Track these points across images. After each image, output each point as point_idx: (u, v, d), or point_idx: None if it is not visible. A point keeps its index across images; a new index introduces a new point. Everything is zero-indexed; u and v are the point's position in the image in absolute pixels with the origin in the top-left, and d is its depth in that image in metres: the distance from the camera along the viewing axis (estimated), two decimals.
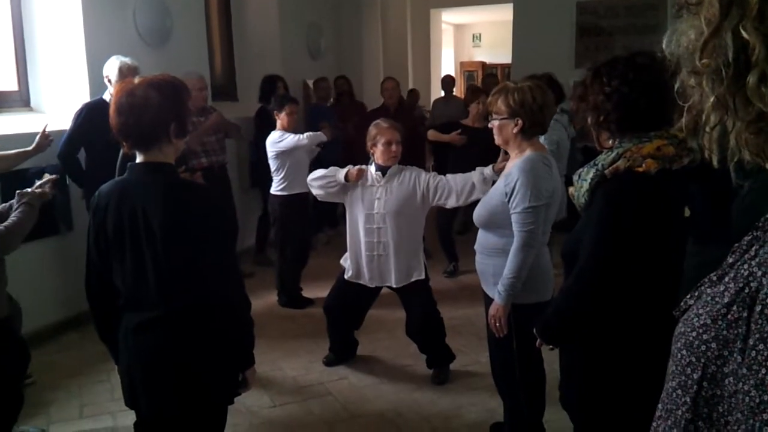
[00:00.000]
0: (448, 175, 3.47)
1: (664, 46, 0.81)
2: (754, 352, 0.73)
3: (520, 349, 2.60)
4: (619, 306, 1.88)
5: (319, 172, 3.65)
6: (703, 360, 0.81)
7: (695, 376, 0.82)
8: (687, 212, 2.00)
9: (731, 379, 0.78)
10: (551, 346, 2.14)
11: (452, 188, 3.39)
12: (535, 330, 2.14)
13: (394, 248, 3.51)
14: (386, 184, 3.51)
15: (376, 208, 3.52)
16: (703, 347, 0.81)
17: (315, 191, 3.71)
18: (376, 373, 3.78)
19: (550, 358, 2.65)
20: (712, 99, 0.76)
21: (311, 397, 3.51)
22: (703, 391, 0.81)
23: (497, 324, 2.58)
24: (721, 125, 0.78)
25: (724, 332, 0.79)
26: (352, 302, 3.74)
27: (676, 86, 0.83)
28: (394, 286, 3.59)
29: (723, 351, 0.79)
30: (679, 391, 0.85)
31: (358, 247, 3.61)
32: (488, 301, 2.71)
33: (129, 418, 2.33)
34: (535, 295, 2.57)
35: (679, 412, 0.84)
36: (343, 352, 3.92)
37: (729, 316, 0.78)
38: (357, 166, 3.58)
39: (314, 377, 3.74)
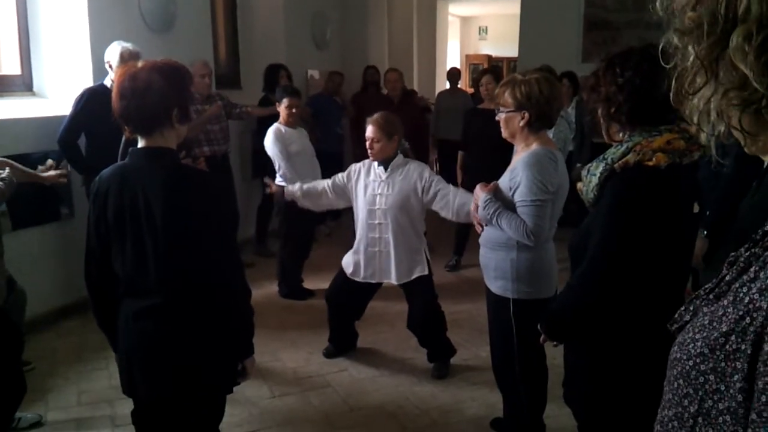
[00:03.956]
0: (451, 189, 3.40)
1: (657, 3, 0.72)
2: (764, 397, 0.66)
3: (521, 344, 2.59)
4: (626, 302, 1.86)
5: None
6: (700, 393, 0.74)
7: (692, 410, 0.75)
8: (696, 208, 1.97)
9: (727, 418, 0.71)
10: (555, 342, 2.11)
11: (449, 203, 3.35)
12: (539, 326, 2.11)
13: (395, 245, 3.49)
14: (388, 179, 3.48)
15: (377, 204, 3.49)
16: (701, 379, 0.74)
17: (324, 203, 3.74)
18: (377, 365, 3.77)
19: (551, 354, 2.63)
20: (693, 59, 0.69)
21: (311, 388, 3.50)
22: (698, 427, 0.75)
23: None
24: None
25: (722, 364, 0.72)
26: (353, 292, 3.71)
27: (660, 46, 0.73)
28: (395, 283, 3.57)
29: (720, 385, 0.72)
30: (675, 423, 0.79)
31: (360, 243, 3.59)
32: (490, 295, 2.69)
33: (127, 406, 2.32)
34: (537, 291, 2.55)
35: None
36: (343, 343, 3.90)
37: (727, 347, 0.71)
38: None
39: (314, 369, 3.73)
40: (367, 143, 3.46)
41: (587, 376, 2.02)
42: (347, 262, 3.68)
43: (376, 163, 3.53)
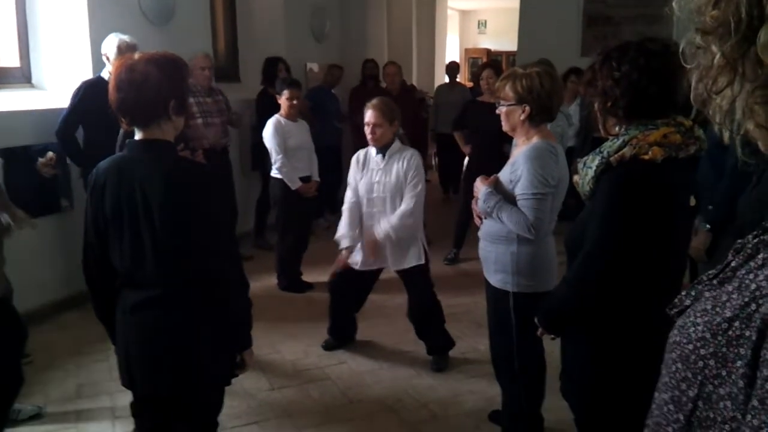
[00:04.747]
0: (411, 198, 3.43)
1: (673, 3, 0.71)
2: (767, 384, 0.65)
3: (521, 337, 2.59)
4: (622, 295, 1.86)
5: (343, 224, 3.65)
6: (700, 377, 0.73)
7: (691, 394, 0.74)
8: (693, 201, 1.97)
9: (728, 403, 0.69)
10: (553, 336, 2.12)
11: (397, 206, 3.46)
12: (536, 319, 2.12)
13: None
14: (386, 166, 3.48)
15: (375, 192, 3.50)
16: (701, 363, 0.73)
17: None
18: (376, 358, 3.78)
19: (550, 348, 2.64)
20: (718, 58, 0.67)
21: (310, 381, 3.51)
22: (698, 411, 0.73)
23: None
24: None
25: (724, 349, 0.71)
26: (356, 281, 3.71)
27: (681, 47, 0.72)
28: (392, 268, 3.58)
29: (721, 370, 0.71)
30: (671, 407, 0.76)
31: (361, 231, 3.60)
32: (489, 288, 2.69)
33: (126, 398, 2.33)
34: (537, 284, 2.55)
35: (670, 429, 0.77)
36: (342, 335, 3.91)
37: (730, 332, 0.70)
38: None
39: (313, 361, 3.74)
40: (368, 129, 3.44)
41: (584, 368, 2.02)
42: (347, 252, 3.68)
43: (373, 152, 3.53)
